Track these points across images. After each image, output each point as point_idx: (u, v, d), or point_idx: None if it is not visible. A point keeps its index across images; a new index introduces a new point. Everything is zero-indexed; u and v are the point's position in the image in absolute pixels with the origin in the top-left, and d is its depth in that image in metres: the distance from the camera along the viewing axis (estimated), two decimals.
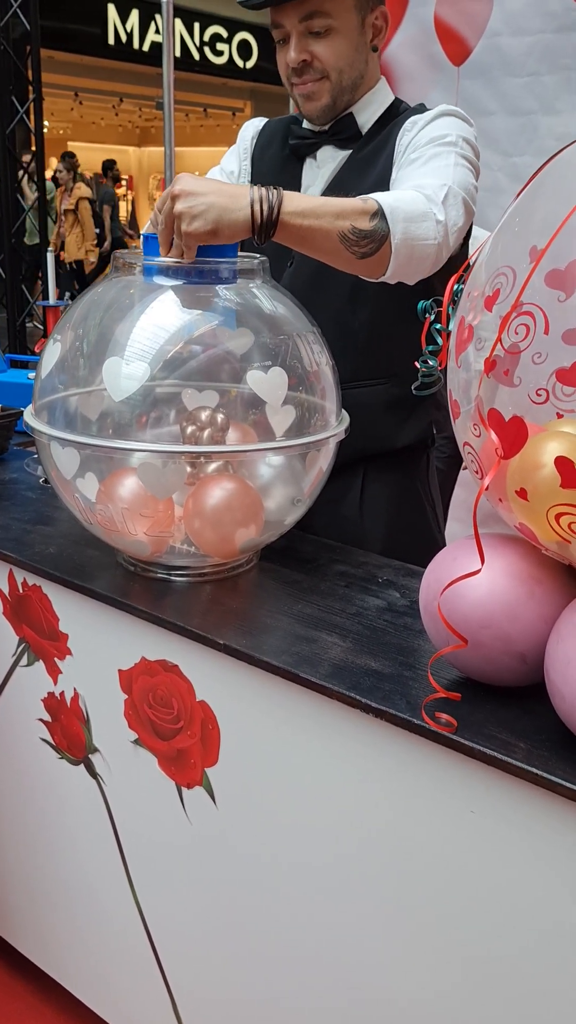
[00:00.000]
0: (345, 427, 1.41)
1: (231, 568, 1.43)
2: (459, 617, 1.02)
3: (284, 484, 1.41)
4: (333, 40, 1.60)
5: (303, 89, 1.65)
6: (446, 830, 1.07)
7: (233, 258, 1.36)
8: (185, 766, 1.35)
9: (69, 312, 1.42)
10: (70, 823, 1.60)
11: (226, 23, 13.39)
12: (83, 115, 17.83)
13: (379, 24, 1.65)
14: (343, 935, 1.22)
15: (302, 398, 1.36)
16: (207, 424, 1.35)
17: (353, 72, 1.65)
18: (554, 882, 0.99)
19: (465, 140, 1.55)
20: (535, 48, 2.70)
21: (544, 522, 0.93)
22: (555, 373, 0.89)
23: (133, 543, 1.34)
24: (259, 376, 1.30)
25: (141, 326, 1.31)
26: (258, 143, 1.83)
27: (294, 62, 1.61)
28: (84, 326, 1.38)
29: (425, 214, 1.37)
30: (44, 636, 1.51)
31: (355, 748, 1.13)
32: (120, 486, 1.31)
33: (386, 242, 1.34)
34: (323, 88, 1.64)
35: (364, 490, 1.79)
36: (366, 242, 1.33)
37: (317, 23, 1.58)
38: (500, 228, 1.03)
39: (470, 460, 1.04)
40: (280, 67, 1.68)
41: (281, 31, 1.62)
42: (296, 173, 1.76)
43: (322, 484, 1.43)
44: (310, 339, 1.39)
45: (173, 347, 1.33)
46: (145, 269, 1.35)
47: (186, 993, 1.50)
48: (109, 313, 1.38)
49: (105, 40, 12.43)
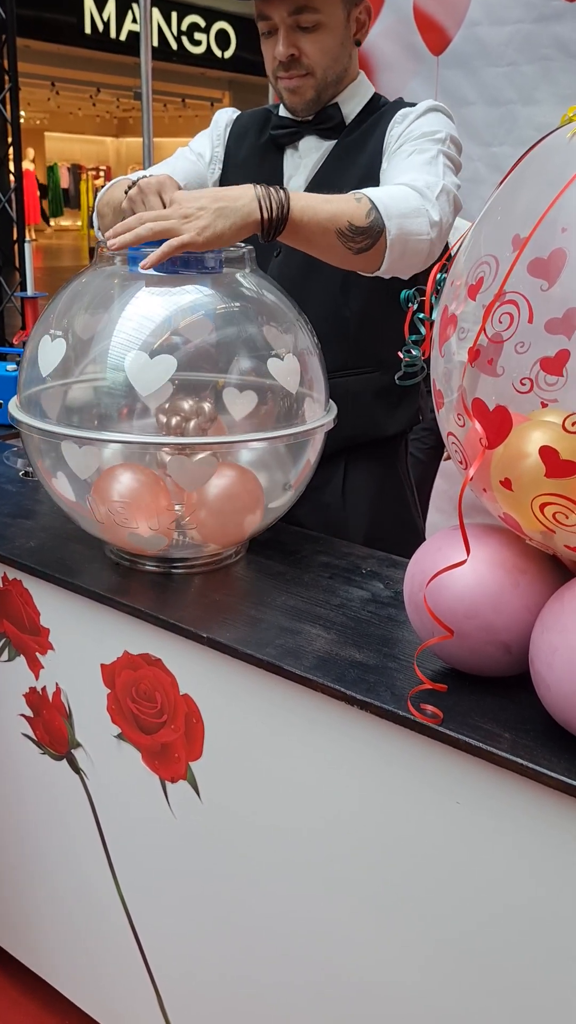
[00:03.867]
0: (333, 416, 1.41)
1: (221, 559, 1.42)
2: (444, 608, 1.01)
3: (273, 472, 1.40)
4: (321, 36, 1.59)
5: (289, 84, 1.64)
6: (432, 821, 1.07)
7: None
8: (169, 760, 1.34)
9: (53, 303, 1.41)
10: (53, 819, 1.59)
11: (204, 12, 13.32)
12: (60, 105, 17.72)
13: (363, 18, 1.65)
14: (329, 928, 1.22)
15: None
16: (192, 414, 1.34)
17: (338, 67, 1.64)
18: (540, 872, 0.99)
19: (452, 139, 1.56)
20: (514, 38, 2.69)
21: (529, 512, 0.93)
22: (539, 362, 0.89)
23: (134, 538, 1.33)
24: (277, 364, 1.31)
25: (144, 316, 1.30)
26: (232, 132, 1.81)
27: (282, 56, 1.60)
28: (70, 317, 1.36)
29: (418, 210, 1.39)
30: (25, 631, 1.50)
31: (340, 740, 1.13)
32: (121, 480, 1.30)
33: (381, 237, 1.36)
34: (308, 84, 1.63)
35: (346, 477, 1.79)
36: (362, 238, 1.35)
37: (305, 18, 1.57)
38: (482, 217, 1.02)
39: (454, 450, 1.03)
40: (266, 59, 1.66)
41: (268, 23, 1.60)
42: (276, 163, 1.74)
43: (311, 473, 1.43)
44: (297, 328, 1.39)
45: (197, 337, 1.31)
46: (130, 259, 1.33)
47: (172, 988, 1.50)
48: (97, 304, 1.36)
49: (82, 29, 12.33)
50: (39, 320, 1.40)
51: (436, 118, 1.59)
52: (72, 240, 19.67)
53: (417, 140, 1.55)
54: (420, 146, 1.53)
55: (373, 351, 1.71)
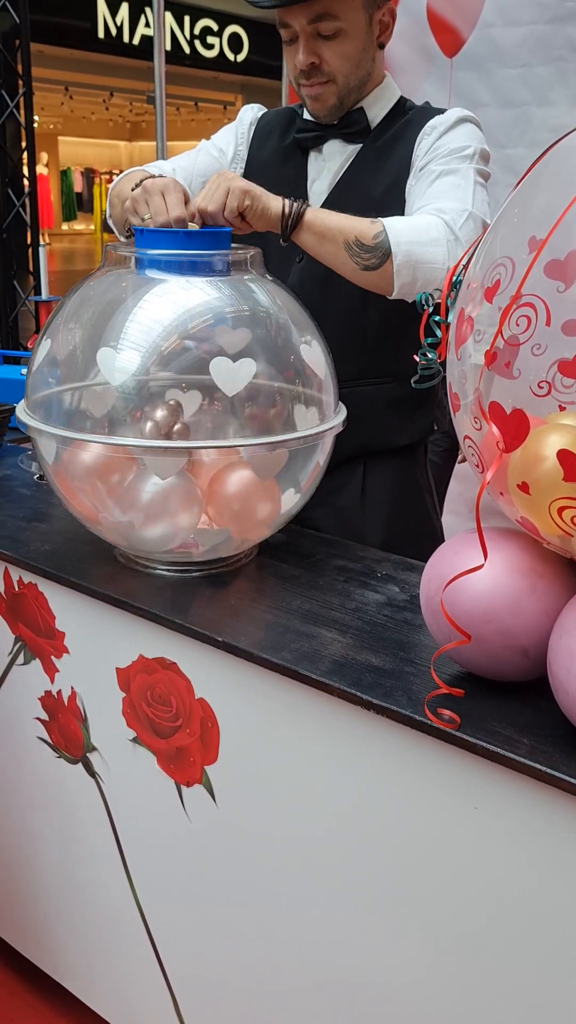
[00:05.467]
0: (343, 419, 1.40)
1: (232, 561, 1.42)
2: (461, 612, 1.01)
3: (282, 475, 1.39)
4: (341, 43, 1.59)
5: (311, 91, 1.64)
6: (449, 827, 1.06)
7: (227, 250, 1.35)
8: (184, 764, 1.34)
9: (62, 306, 1.41)
10: (69, 822, 1.59)
11: (216, 16, 13.32)
12: (74, 109, 17.77)
13: (386, 21, 1.64)
14: (345, 933, 1.22)
15: (299, 391, 1.35)
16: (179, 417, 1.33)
17: (360, 72, 1.63)
18: (558, 878, 0.98)
19: (482, 154, 1.57)
20: (528, 39, 2.68)
21: (546, 516, 0.92)
22: (556, 365, 0.88)
23: (146, 542, 1.32)
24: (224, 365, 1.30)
25: (151, 320, 1.29)
26: (256, 132, 1.80)
27: (303, 64, 1.59)
28: (79, 320, 1.36)
29: (436, 240, 1.42)
30: (40, 634, 1.50)
31: (356, 745, 1.13)
32: (144, 486, 1.30)
33: (388, 259, 1.42)
34: (329, 91, 1.63)
35: (365, 479, 1.79)
36: (368, 256, 1.42)
37: (325, 26, 1.56)
38: (499, 219, 1.02)
39: (471, 454, 1.03)
40: (288, 66, 1.66)
41: (289, 31, 1.59)
42: (300, 166, 1.74)
43: (320, 476, 1.43)
44: (306, 332, 1.38)
45: (207, 340, 1.31)
46: (137, 262, 1.33)
47: (187, 991, 1.49)
48: (106, 307, 1.35)
49: (95, 34, 12.35)
50: (48, 323, 1.40)
51: (465, 131, 1.58)
52: (85, 244, 19.73)
53: (446, 158, 1.55)
54: (449, 165, 1.54)
55: (390, 362, 1.71)
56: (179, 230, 1.39)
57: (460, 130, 1.58)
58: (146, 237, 1.34)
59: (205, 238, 1.36)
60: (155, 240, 1.35)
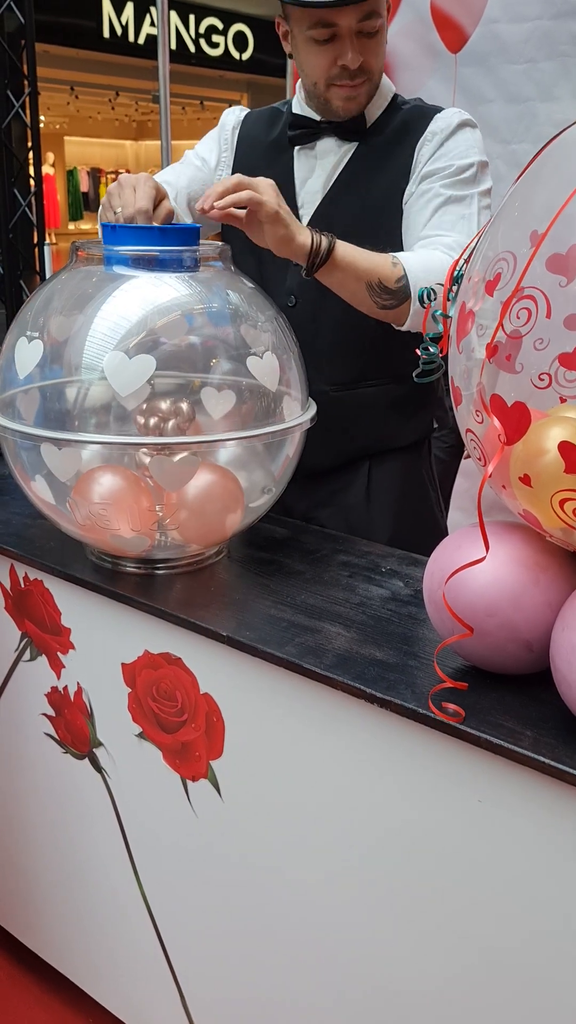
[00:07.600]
0: (312, 415, 1.39)
1: (203, 560, 1.42)
2: (464, 605, 1.01)
3: (252, 471, 1.39)
4: (379, 41, 1.59)
5: (351, 91, 1.60)
6: (454, 820, 1.06)
7: (195, 246, 1.34)
8: (190, 759, 1.34)
9: (29, 304, 1.39)
10: (75, 818, 1.60)
11: (222, 15, 13.32)
12: (79, 109, 17.77)
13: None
14: (351, 926, 1.22)
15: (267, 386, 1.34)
16: (170, 414, 1.33)
17: (382, 69, 1.64)
18: (563, 871, 0.99)
19: (482, 167, 1.58)
20: (533, 35, 2.68)
21: (548, 508, 0.92)
22: (558, 358, 0.88)
23: (115, 540, 1.32)
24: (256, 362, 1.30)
25: (121, 316, 1.28)
26: (241, 134, 1.78)
27: (354, 63, 1.55)
28: (47, 318, 1.34)
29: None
30: (46, 631, 1.51)
31: (361, 739, 1.13)
32: (101, 483, 1.29)
33: (406, 301, 1.46)
34: (364, 90, 1.62)
35: (370, 478, 1.79)
36: (388, 297, 1.46)
37: (370, 24, 1.54)
38: (500, 213, 1.02)
39: (473, 447, 1.03)
40: (318, 66, 1.59)
41: (329, 30, 1.53)
42: (287, 163, 1.72)
43: (292, 469, 1.42)
44: (275, 326, 1.38)
45: (175, 336, 1.31)
46: (106, 259, 1.33)
47: (194, 985, 1.50)
48: (74, 304, 1.34)
49: (100, 34, 12.37)
50: (15, 321, 1.38)
51: (465, 138, 1.58)
52: None
53: (450, 180, 1.55)
54: (454, 190, 1.55)
55: (389, 363, 1.70)
56: (147, 226, 1.39)
57: (460, 136, 1.58)
58: (115, 234, 1.33)
59: (175, 234, 1.35)
60: (119, 236, 1.32)
